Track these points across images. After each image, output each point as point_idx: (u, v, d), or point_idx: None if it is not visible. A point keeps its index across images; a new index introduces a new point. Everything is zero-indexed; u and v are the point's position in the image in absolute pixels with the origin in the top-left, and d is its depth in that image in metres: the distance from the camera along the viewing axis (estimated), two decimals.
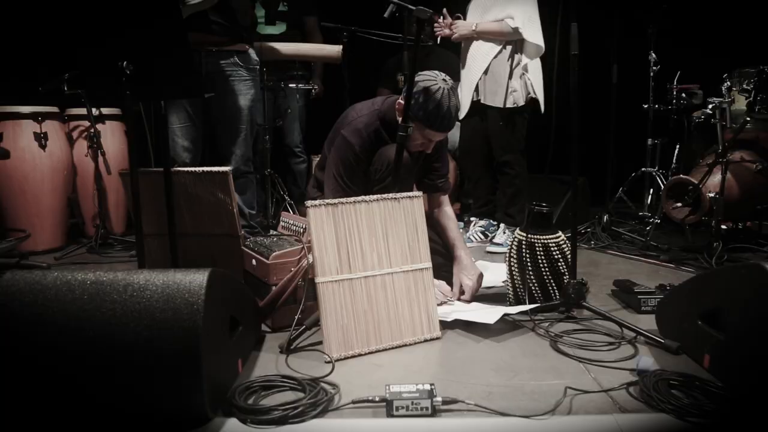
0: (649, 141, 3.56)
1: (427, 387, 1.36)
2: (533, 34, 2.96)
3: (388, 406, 1.33)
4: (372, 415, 1.33)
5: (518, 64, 3.04)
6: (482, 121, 3.16)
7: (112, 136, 3.44)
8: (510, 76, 3.02)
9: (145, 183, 2.05)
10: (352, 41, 3.28)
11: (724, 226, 3.41)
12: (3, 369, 1.24)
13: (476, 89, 3.11)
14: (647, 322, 1.88)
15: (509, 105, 3.04)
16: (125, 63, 1.80)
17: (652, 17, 3.41)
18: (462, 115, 3.18)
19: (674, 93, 3.45)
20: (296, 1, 3.80)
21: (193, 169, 2.18)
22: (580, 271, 2.53)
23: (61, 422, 1.26)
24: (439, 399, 1.34)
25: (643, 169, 3.58)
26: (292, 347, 1.72)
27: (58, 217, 3.21)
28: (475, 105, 3.15)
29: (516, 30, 2.94)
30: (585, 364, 1.62)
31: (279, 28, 3.74)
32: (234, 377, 1.52)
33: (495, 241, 3.19)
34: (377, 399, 1.36)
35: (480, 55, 3.07)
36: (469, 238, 3.29)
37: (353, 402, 1.37)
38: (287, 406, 1.32)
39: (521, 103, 3.06)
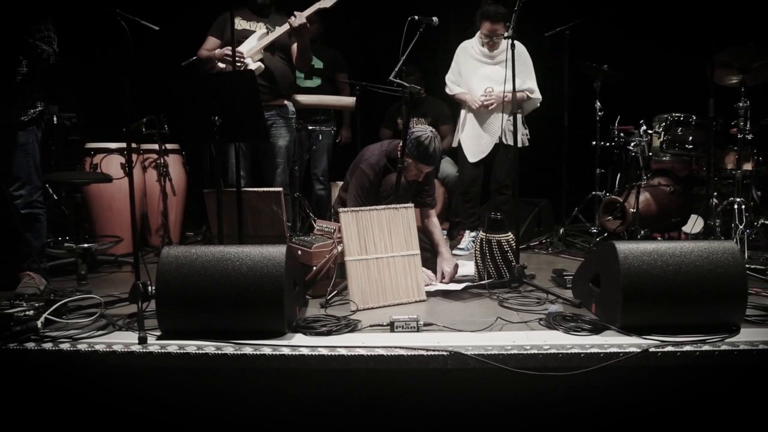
0: (597, 170, 4.47)
1: (415, 317, 2.25)
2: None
3: (391, 326, 2.23)
4: (381, 332, 2.23)
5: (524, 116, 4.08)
6: (486, 156, 4.08)
7: (174, 166, 4.37)
8: (522, 125, 4.04)
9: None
10: (363, 93, 4.25)
11: (659, 237, 4.33)
12: (173, 302, 2.14)
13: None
14: (570, 295, 2.77)
15: (520, 145, 3.97)
16: (216, 117, 2.75)
17: (596, 75, 4.37)
18: (481, 156, 4.08)
19: (615, 133, 4.34)
20: (330, 60, 4.73)
21: (255, 189, 3.11)
22: (537, 268, 3.46)
23: (202, 332, 2.15)
24: (422, 322, 2.23)
25: (593, 192, 4.48)
26: (329, 304, 2.62)
27: None
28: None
29: (535, 99, 4.05)
30: (518, 313, 2.51)
31: (315, 82, 4.66)
32: (294, 316, 2.41)
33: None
34: (384, 324, 2.26)
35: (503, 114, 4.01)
36: (466, 247, 4.13)
37: (370, 326, 2.28)
38: (330, 325, 2.22)
39: (527, 143, 4.04)
